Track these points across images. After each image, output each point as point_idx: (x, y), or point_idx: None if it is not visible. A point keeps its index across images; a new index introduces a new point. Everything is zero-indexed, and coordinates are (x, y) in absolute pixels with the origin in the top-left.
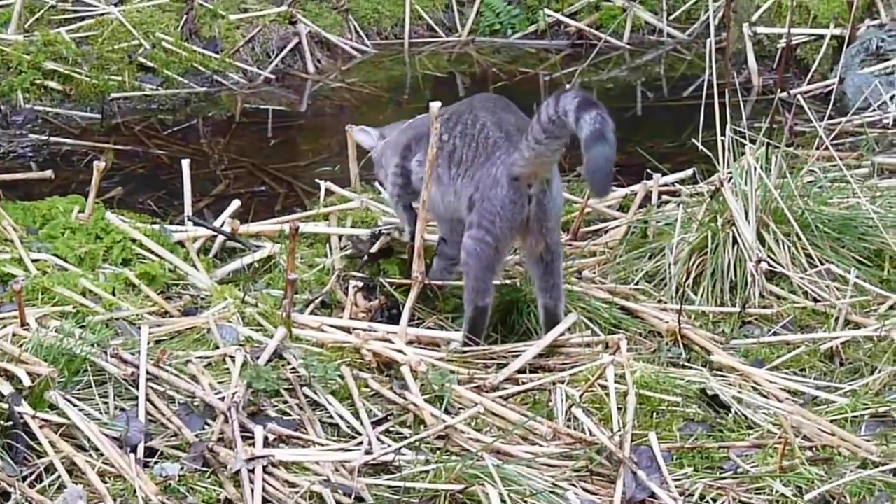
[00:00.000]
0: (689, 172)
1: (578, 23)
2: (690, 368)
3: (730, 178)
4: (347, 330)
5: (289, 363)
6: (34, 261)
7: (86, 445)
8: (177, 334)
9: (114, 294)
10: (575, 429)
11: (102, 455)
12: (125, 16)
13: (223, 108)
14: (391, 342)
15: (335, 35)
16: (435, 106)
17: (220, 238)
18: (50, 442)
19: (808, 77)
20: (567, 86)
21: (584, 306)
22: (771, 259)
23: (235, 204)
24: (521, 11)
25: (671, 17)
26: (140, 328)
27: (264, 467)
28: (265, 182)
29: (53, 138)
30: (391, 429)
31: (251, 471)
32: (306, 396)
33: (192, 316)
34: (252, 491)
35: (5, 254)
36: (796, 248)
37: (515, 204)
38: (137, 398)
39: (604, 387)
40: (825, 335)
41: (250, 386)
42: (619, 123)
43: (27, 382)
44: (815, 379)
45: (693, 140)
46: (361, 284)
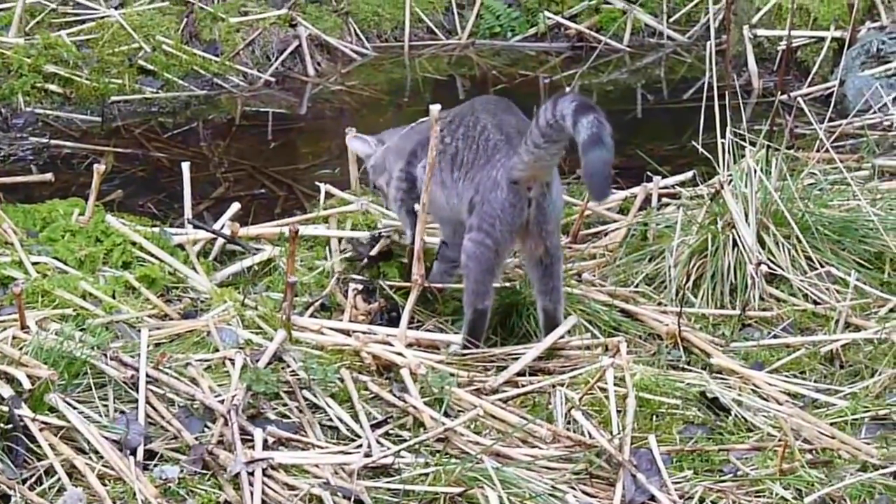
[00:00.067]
0: (690, 175)
1: (578, 25)
2: (690, 371)
3: (730, 181)
4: (347, 333)
5: (288, 366)
6: (34, 263)
7: (86, 448)
8: (176, 337)
9: (114, 297)
10: (574, 431)
11: (102, 458)
12: (125, 19)
13: (223, 111)
14: (391, 345)
15: (335, 38)
16: (435, 109)
17: (220, 241)
18: (50, 445)
19: (809, 79)
20: (567, 88)
21: (584, 309)
22: (771, 261)
23: (235, 207)
24: (521, 14)
25: (671, 20)
26: (140, 331)
27: (264, 470)
28: (265, 185)
29: (54, 141)
30: (391, 431)
31: (251, 473)
32: (306, 399)
33: (192, 319)
34: (252, 494)
35: (5, 256)
36: (796, 251)
37: (515, 207)
38: (137, 401)
39: (603, 389)
40: (825, 338)
41: (250, 389)
42: (620, 126)
43: (27, 385)
44: (816, 382)
45: (693, 143)
46: (361, 287)
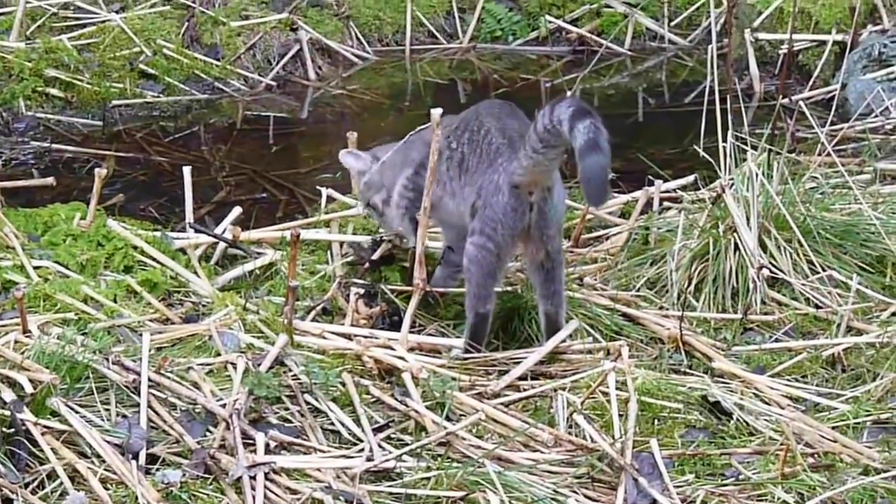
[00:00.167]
0: (691, 179)
1: (579, 29)
2: (692, 375)
3: (731, 185)
4: (349, 337)
5: (290, 370)
6: (36, 268)
7: (88, 452)
8: (178, 341)
9: (115, 301)
10: (576, 435)
11: (104, 462)
12: (126, 23)
13: (224, 115)
14: (392, 349)
15: (336, 42)
16: (436, 113)
17: (222, 245)
18: (52, 449)
19: (810, 83)
20: (568, 92)
21: (586, 313)
22: (773, 265)
23: (237, 211)
24: (523, 18)
25: (672, 24)
26: (142, 335)
27: (266, 474)
28: (266, 189)
29: (55, 145)
30: (392, 435)
31: (252, 477)
32: (308, 403)
33: (194, 323)
34: (254, 498)
35: (7, 261)
36: (798, 255)
37: (517, 211)
38: (139, 405)
39: (605, 393)
40: (827, 342)
41: (252, 393)
42: (621, 130)
43: (29, 389)
44: (817, 385)
45: (695, 146)
46: (363, 291)
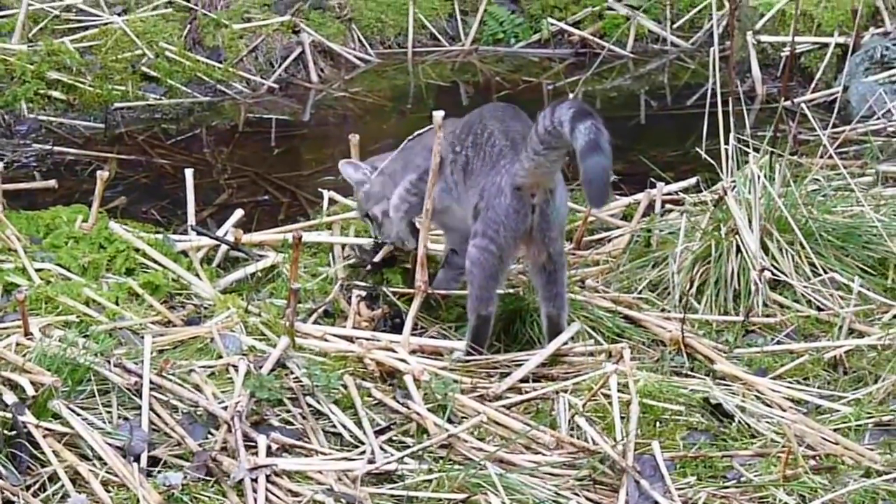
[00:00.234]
0: (693, 181)
1: (582, 31)
2: (694, 377)
3: (733, 187)
4: (350, 339)
5: (292, 372)
6: (38, 270)
7: (89, 455)
8: (180, 344)
9: (117, 303)
10: (578, 438)
11: (106, 464)
12: (129, 25)
13: (226, 118)
14: (394, 351)
15: (338, 44)
16: (438, 115)
17: (224, 247)
18: (53, 451)
19: (812, 85)
20: (570, 95)
21: (588, 315)
22: (774, 268)
23: (239, 213)
24: (525, 20)
25: (675, 26)
26: (143, 337)
27: (267, 476)
28: (268, 191)
29: (57, 148)
30: (394, 438)
31: (254, 480)
32: (309, 406)
33: (196, 325)
34: (255, 500)
35: (9, 263)
36: (800, 257)
37: (519, 213)
38: (141, 407)
39: (607, 396)
40: (829, 344)
41: (253, 395)
42: (623, 132)
43: (31, 392)
44: (819, 388)
45: (697, 149)
46: (364, 294)
